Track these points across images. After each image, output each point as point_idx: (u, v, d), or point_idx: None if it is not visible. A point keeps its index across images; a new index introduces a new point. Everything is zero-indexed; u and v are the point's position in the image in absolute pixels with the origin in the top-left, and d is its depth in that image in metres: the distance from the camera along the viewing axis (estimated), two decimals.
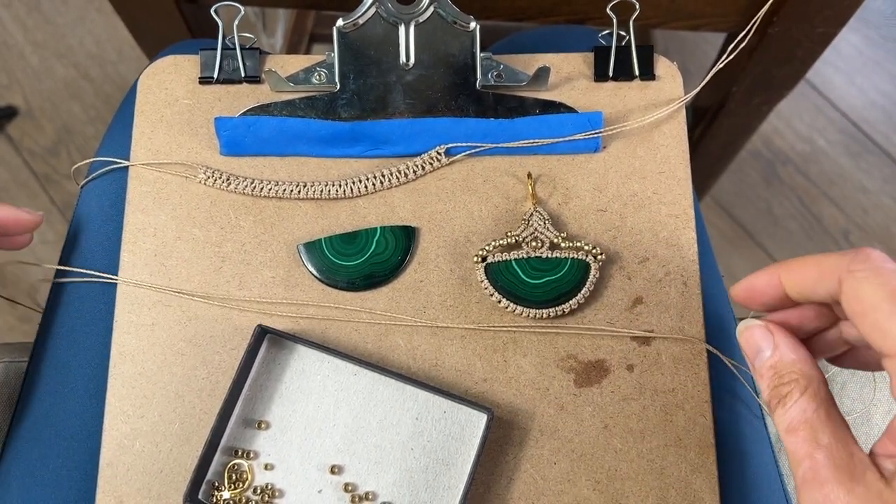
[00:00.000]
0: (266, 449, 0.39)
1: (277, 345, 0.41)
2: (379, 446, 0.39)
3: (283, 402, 0.40)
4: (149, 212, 0.43)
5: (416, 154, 0.44)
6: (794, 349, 0.33)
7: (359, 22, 0.43)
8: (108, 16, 1.18)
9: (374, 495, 0.38)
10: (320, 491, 0.39)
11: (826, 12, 0.54)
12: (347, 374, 0.40)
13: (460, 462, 0.39)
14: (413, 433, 0.39)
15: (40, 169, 1.11)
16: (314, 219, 0.43)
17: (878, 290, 0.29)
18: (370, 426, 0.39)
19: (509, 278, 0.41)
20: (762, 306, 0.35)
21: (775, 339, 0.33)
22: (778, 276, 0.33)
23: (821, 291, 0.31)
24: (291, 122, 0.43)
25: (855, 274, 0.30)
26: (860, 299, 0.29)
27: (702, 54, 1.16)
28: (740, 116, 0.71)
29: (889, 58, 1.17)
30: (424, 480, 0.39)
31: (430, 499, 0.38)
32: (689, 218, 0.43)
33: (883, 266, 0.30)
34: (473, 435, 0.39)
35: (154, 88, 0.45)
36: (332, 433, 0.39)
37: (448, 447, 0.39)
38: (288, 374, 0.40)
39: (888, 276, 0.29)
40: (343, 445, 0.39)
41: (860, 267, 0.30)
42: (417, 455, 0.39)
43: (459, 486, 0.38)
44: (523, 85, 0.45)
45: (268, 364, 0.40)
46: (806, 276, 0.32)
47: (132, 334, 0.41)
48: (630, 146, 0.44)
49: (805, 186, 1.11)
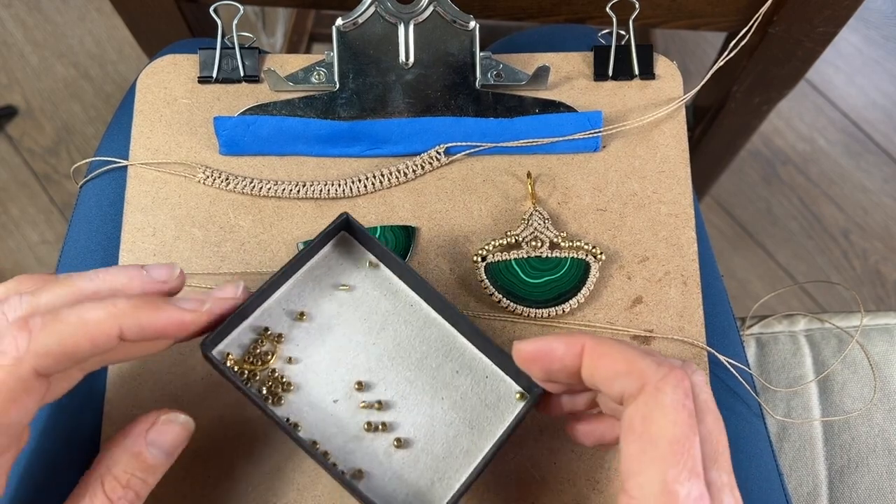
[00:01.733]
0: (298, 340, 0.37)
1: (348, 245, 0.39)
2: (411, 381, 0.37)
3: (332, 303, 0.38)
4: (148, 211, 0.43)
5: (415, 153, 0.44)
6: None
7: (358, 21, 0.43)
8: (108, 15, 1.18)
9: (390, 426, 0.36)
10: (336, 401, 0.36)
11: (826, 12, 0.54)
12: (405, 302, 0.39)
13: (487, 432, 0.37)
14: (449, 384, 0.37)
15: (40, 168, 1.11)
16: (313, 218, 0.43)
17: (666, 428, 0.28)
18: (410, 358, 0.38)
19: (509, 278, 0.41)
20: (544, 375, 0.33)
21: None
22: (580, 350, 0.31)
23: (616, 388, 0.30)
24: (291, 121, 0.43)
25: (660, 396, 0.28)
26: (647, 422, 0.28)
27: (702, 54, 1.16)
28: (740, 116, 0.71)
29: (889, 57, 1.17)
30: (444, 434, 0.37)
31: (445, 454, 0.36)
32: (688, 217, 0.43)
33: (684, 404, 0.28)
34: (507, 410, 0.37)
35: (153, 88, 0.45)
36: (369, 350, 0.38)
37: (479, 412, 0.37)
38: (345, 278, 0.38)
39: (684, 418, 0.28)
40: (376, 367, 0.37)
41: (669, 391, 0.28)
42: (446, 407, 0.37)
43: (478, 454, 0.36)
44: (523, 84, 0.45)
45: (329, 260, 0.38)
46: (611, 365, 0.30)
47: None
48: (630, 145, 0.44)
49: (805, 186, 1.11)
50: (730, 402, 0.43)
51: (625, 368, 0.30)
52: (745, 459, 0.43)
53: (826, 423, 0.53)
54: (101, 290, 0.31)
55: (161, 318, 0.31)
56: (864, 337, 0.54)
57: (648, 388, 0.29)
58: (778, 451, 0.52)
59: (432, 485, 0.36)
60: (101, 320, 0.29)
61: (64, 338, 0.28)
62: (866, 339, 0.54)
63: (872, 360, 0.53)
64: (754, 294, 1.06)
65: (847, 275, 1.07)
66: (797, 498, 0.51)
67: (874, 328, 0.55)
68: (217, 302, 0.33)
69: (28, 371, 0.28)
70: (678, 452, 0.28)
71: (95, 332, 0.29)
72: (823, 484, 0.52)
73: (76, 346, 0.29)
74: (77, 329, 0.29)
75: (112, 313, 0.29)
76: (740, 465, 0.43)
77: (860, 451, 0.52)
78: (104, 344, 0.29)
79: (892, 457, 0.51)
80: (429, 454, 0.36)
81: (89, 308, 0.29)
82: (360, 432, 0.36)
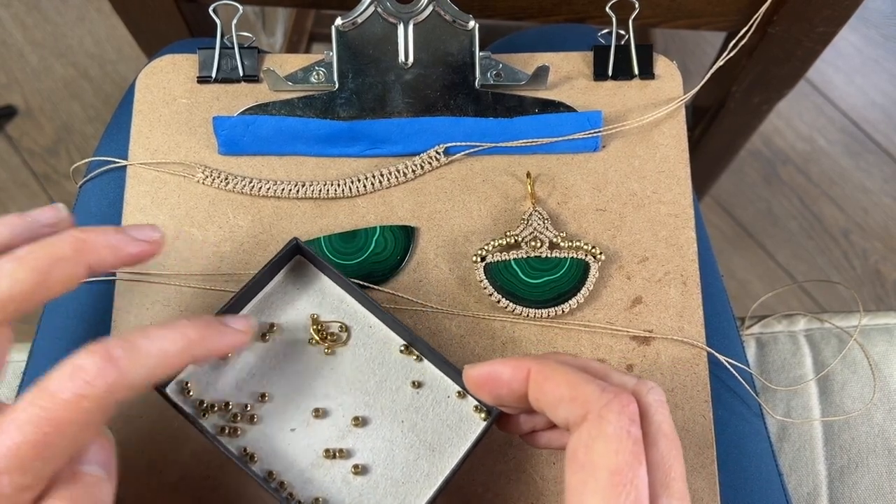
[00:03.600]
0: (254, 370, 0.37)
1: (303, 269, 0.39)
2: (370, 405, 0.37)
3: (289, 327, 0.38)
4: (147, 211, 0.43)
5: (414, 153, 0.44)
6: None
7: (357, 21, 0.43)
8: (108, 15, 1.18)
9: (348, 453, 0.36)
10: (293, 429, 0.36)
11: (826, 11, 0.54)
12: (363, 324, 0.38)
13: (448, 453, 0.36)
14: (409, 406, 0.37)
15: (39, 168, 1.11)
16: (313, 218, 0.43)
17: (608, 457, 0.27)
18: (368, 382, 0.37)
19: (508, 278, 0.41)
20: (494, 400, 0.32)
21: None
22: (525, 375, 0.31)
23: (561, 414, 0.29)
24: (290, 121, 0.43)
25: (603, 424, 0.28)
26: (589, 451, 0.28)
27: (701, 53, 1.16)
28: (740, 116, 0.71)
29: (889, 57, 1.17)
30: (404, 458, 0.36)
31: (405, 479, 0.36)
32: (688, 217, 0.43)
33: (629, 432, 0.27)
34: (470, 430, 0.37)
35: (152, 88, 0.45)
36: (326, 377, 0.37)
37: (440, 433, 0.37)
38: (301, 303, 0.38)
39: (626, 447, 0.27)
40: (334, 392, 0.37)
41: (612, 419, 0.28)
42: (406, 430, 0.37)
43: (438, 476, 0.36)
44: (522, 84, 0.45)
45: (285, 284, 0.38)
46: (555, 391, 0.30)
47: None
48: (629, 145, 0.44)
49: (805, 186, 1.11)
50: (730, 402, 0.43)
51: (568, 394, 0.29)
52: (745, 459, 0.43)
53: (826, 423, 0.53)
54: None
55: (225, 343, 0.31)
56: (863, 337, 0.54)
57: (591, 417, 0.28)
58: (778, 451, 0.52)
59: None
60: (179, 352, 0.29)
61: (150, 371, 0.28)
62: (866, 339, 0.54)
63: (872, 360, 0.53)
64: (754, 294, 1.06)
65: (847, 275, 1.07)
66: (797, 498, 0.51)
67: (874, 328, 0.55)
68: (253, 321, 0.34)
69: (113, 404, 0.27)
70: (619, 484, 0.27)
71: (175, 363, 0.29)
72: (823, 484, 0.52)
73: (157, 378, 0.29)
74: (159, 362, 0.29)
75: (186, 346, 0.30)
76: (740, 465, 0.43)
77: (860, 451, 0.52)
78: (177, 372, 0.30)
79: (892, 457, 0.51)
80: (388, 479, 0.36)
81: (164, 338, 0.29)
82: (318, 460, 0.36)
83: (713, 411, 0.40)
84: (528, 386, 0.30)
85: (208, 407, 0.36)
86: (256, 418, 0.36)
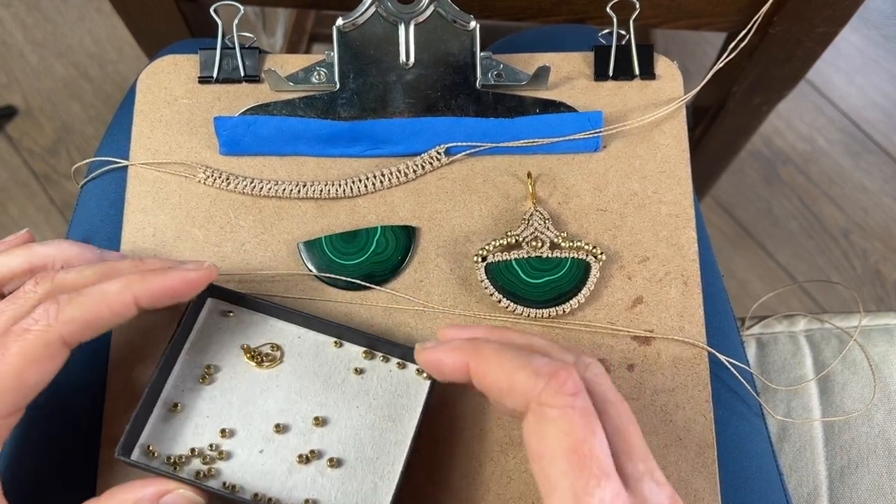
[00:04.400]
0: (206, 411, 0.38)
1: (220, 307, 0.40)
2: (323, 404, 0.39)
3: (225, 366, 0.39)
4: (148, 211, 0.43)
5: (415, 154, 0.44)
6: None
7: (358, 21, 0.43)
8: (108, 15, 1.18)
9: (319, 453, 0.38)
10: (262, 451, 0.38)
11: (826, 12, 0.54)
12: (291, 335, 0.40)
13: (407, 417, 0.38)
14: (358, 392, 0.39)
15: (40, 168, 1.11)
16: (314, 218, 0.43)
17: (560, 440, 0.27)
18: (315, 385, 0.39)
19: (509, 278, 0.41)
20: (446, 380, 0.33)
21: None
22: (466, 365, 0.31)
23: (508, 405, 0.30)
24: (291, 121, 0.43)
25: (544, 410, 0.28)
26: (541, 440, 0.28)
27: (702, 54, 1.16)
28: (740, 116, 0.71)
29: (889, 57, 1.17)
30: (371, 437, 0.38)
31: (377, 455, 0.38)
32: (689, 217, 0.43)
33: (573, 406, 0.27)
34: (419, 391, 0.39)
35: (153, 88, 0.45)
36: (275, 393, 0.39)
37: (394, 404, 0.39)
38: (229, 336, 0.40)
39: (575, 422, 0.27)
40: (287, 406, 0.39)
41: (551, 402, 0.28)
42: (363, 412, 0.38)
43: (406, 440, 0.38)
44: (523, 84, 0.45)
45: (209, 326, 0.40)
46: (495, 383, 0.30)
47: (132, 336, 0.41)
48: (630, 145, 0.44)
49: (805, 186, 1.11)
50: (730, 402, 0.43)
51: (507, 386, 0.29)
52: (746, 459, 0.43)
53: (826, 423, 0.53)
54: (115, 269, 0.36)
55: (168, 281, 0.35)
56: (864, 337, 0.54)
57: (532, 406, 0.28)
58: (778, 452, 0.52)
59: (375, 487, 0.37)
60: (118, 291, 0.33)
61: (88, 308, 0.33)
62: (866, 340, 0.54)
63: (872, 361, 0.53)
64: (754, 294, 1.06)
65: (847, 275, 1.07)
66: (797, 498, 0.51)
67: (874, 328, 0.55)
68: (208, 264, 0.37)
69: (55, 337, 0.32)
70: (580, 461, 0.27)
71: (114, 302, 0.33)
72: (824, 484, 0.52)
73: (98, 314, 0.33)
74: (99, 300, 0.33)
75: (126, 284, 0.34)
76: (741, 464, 0.43)
77: (860, 451, 0.52)
78: (123, 312, 0.34)
79: (892, 457, 0.51)
80: (363, 460, 0.38)
81: (107, 282, 0.34)
82: (294, 467, 0.38)
83: (714, 411, 0.40)
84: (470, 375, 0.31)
85: (177, 460, 0.38)
86: (225, 454, 0.38)
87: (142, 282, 0.34)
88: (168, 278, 0.35)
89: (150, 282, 0.34)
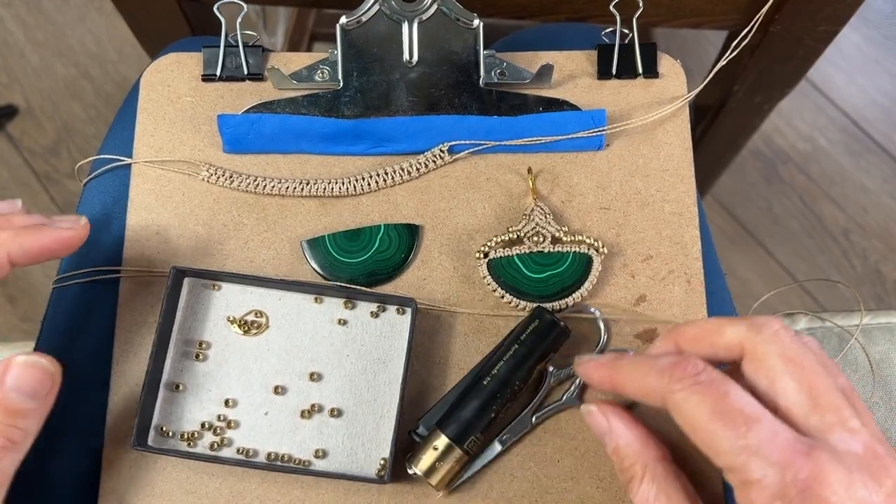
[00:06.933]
0: (208, 385, 0.40)
1: (200, 285, 0.41)
2: (315, 360, 0.40)
3: (216, 341, 0.41)
4: (151, 210, 0.43)
5: (419, 152, 0.44)
6: (627, 431, 0.34)
7: (362, 19, 0.43)
8: (109, 15, 1.18)
9: (320, 406, 0.40)
10: (266, 413, 0.40)
11: (827, 11, 0.54)
12: (272, 299, 0.41)
13: (395, 356, 0.40)
14: (345, 341, 0.41)
15: (40, 168, 1.11)
16: (317, 216, 0.43)
17: (698, 409, 0.29)
18: (303, 342, 0.41)
19: (512, 273, 0.41)
20: (597, 389, 0.37)
21: (610, 423, 0.34)
22: (609, 379, 0.34)
23: (651, 405, 0.32)
24: (294, 119, 0.43)
25: (675, 396, 0.30)
26: (685, 420, 0.30)
27: (703, 53, 1.16)
28: (741, 115, 0.71)
29: (890, 57, 1.17)
30: (365, 381, 0.40)
31: (374, 397, 0.40)
32: (692, 216, 0.43)
33: (697, 382, 0.30)
34: (402, 330, 0.41)
35: (157, 86, 0.45)
36: (268, 357, 0.40)
37: (381, 346, 0.41)
38: (213, 312, 0.41)
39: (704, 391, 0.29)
40: (281, 367, 0.40)
41: (678, 388, 0.30)
42: (353, 360, 0.40)
43: (398, 379, 0.40)
44: (526, 82, 0.45)
45: (192, 305, 0.41)
46: (633, 392, 0.33)
47: (135, 332, 0.41)
48: (633, 144, 0.44)
49: (806, 185, 1.11)
50: None
51: (641, 392, 0.32)
52: None
53: None
54: None
55: (42, 239, 0.35)
56: (864, 336, 0.54)
57: (666, 398, 0.30)
58: None
59: (378, 426, 0.40)
60: None
61: None
62: (867, 338, 0.54)
63: (873, 360, 0.53)
64: (755, 293, 1.06)
65: (847, 274, 1.07)
66: None
67: (875, 327, 0.55)
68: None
69: None
70: (722, 418, 0.29)
71: None
72: None
73: None
74: None
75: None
76: None
77: None
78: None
79: None
80: (362, 404, 0.40)
81: None
82: (299, 423, 0.40)
83: None
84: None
85: (190, 436, 0.39)
86: (234, 422, 0.40)
87: (15, 240, 0.34)
88: (42, 236, 0.35)
89: (23, 240, 0.34)
